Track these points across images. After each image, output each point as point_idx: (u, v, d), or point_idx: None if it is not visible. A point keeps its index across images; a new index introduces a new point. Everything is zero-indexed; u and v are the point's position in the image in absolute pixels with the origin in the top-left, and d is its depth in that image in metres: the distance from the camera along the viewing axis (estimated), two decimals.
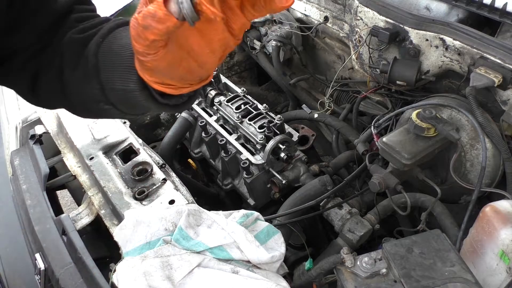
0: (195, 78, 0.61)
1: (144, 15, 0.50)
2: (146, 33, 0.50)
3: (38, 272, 1.25)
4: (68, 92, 0.72)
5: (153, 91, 0.63)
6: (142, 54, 0.53)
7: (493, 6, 1.46)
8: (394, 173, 1.36)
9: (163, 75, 0.58)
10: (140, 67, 0.58)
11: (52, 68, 0.72)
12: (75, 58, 0.69)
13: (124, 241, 1.12)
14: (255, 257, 1.08)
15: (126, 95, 0.65)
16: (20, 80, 0.74)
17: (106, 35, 0.68)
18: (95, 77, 0.67)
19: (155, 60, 0.54)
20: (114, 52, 0.65)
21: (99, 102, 0.69)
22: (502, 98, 1.36)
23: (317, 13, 2.03)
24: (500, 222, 1.02)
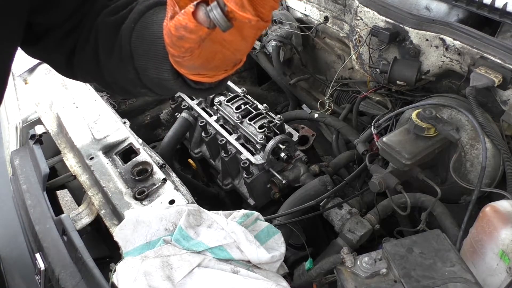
0: (230, 65, 0.61)
1: (176, 26, 0.50)
2: (181, 42, 0.51)
3: (38, 272, 1.25)
4: (104, 74, 0.74)
5: (187, 79, 0.64)
6: (178, 57, 0.55)
7: (493, 6, 1.46)
8: (394, 173, 1.36)
9: (200, 68, 0.59)
10: (177, 64, 0.59)
11: (87, 48, 0.73)
12: (110, 44, 0.71)
13: (124, 241, 1.12)
14: (255, 257, 1.08)
15: (161, 82, 0.66)
16: (57, 56, 0.76)
17: (137, 19, 0.68)
18: (130, 64, 0.68)
19: (191, 60, 0.55)
20: (147, 41, 0.66)
21: (136, 86, 0.72)
22: (502, 98, 1.36)
23: (317, 13, 2.03)
24: (500, 222, 1.02)
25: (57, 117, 1.62)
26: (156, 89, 0.72)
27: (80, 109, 1.60)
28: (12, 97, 1.79)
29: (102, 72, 0.74)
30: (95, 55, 0.73)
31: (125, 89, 0.77)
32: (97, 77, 0.77)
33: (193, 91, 0.67)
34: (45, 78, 1.79)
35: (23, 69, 1.83)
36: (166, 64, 0.63)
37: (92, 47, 0.73)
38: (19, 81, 1.81)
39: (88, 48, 0.73)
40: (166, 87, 0.68)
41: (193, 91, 0.67)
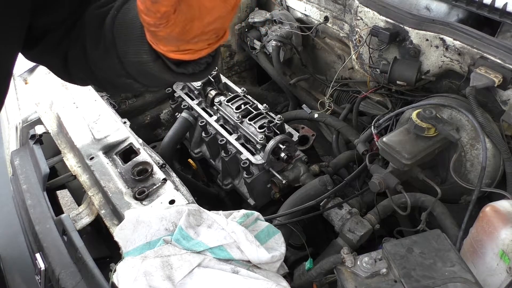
0: (212, 36, 0.57)
1: None
2: (156, 6, 0.48)
3: (38, 272, 1.25)
4: (93, 67, 0.73)
5: (167, 61, 0.62)
6: (153, 25, 0.51)
7: (493, 6, 1.46)
8: (394, 173, 1.36)
9: (178, 40, 0.55)
10: (153, 38, 0.56)
11: (78, 44, 0.73)
12: (96, 34, 0.70)
13: (124, 241, 1.12)
14: (255, 257, 1.08)
15: (142, 67, 0.64)
16: (55, 58, 0.77)
17: (120, 7, 0.68)
18: (113, 52, 0.67)
19: (168, 27, 0.51)
20: (126, 25, 0.65)
21: (121, 76, 0.70)
22: (502, 98, 1.36)
23: (317, 13, 2.03)
24: (500, 222, 1.02)
25: (57, 117, 1.62)
26: (140, 77, 0.70)
27: (80, 109, 1.60)
28: (12, 97, 1.79)
29: (90, 67, 0.74)
30: (83, 49, 0.73)
31: (112, 83, 0.76)
32: (88, 74, 0.76)
33: (175, 75, 0.64)
34: (45, 78, 1.79)
35: (23, 69, 1.83)
36: (144, 45, 0.61)
37: (81, 42, 0.73)
38: (19, 81, 1.81)
39: (78, 46, 0.74)
40: (148, 72, 0.65)
41: (175, 76, 0.64)
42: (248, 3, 2.35)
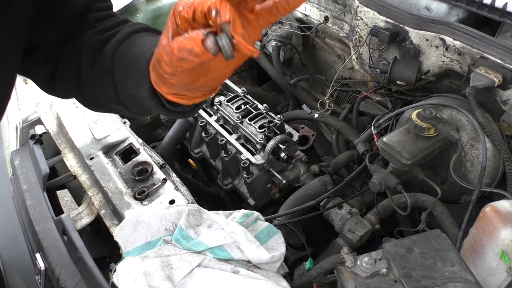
0: (208, 89, 0.64)
1: (180, 48, 0.52)
2: (181, 63, 0.53)
3: (38, 272, 1.25)
4: (83, 87, 0.76)
5: (162, 99, 0.66)
6: (170, 74, 0.56)
7: (493, 6, 1.46)
8: (394, 173, 1.36)
9: (181, 89, 0.61)
10: (160, 81, 0.61)
11: (71, 63, 0.76)
12: (93, 57, 0.73)
13: (124, 241, 1.12)
14: (255, 257, 1.08)
15: (137, 100, 0.68)
16: (41, 71, 0.78)
17: (122, 40, 0.72)
18: (109, 79, 0.71)
19: (179, 78, 0.57)
20: (129, 59, 0.69)
21: (112, 102, 0.74)
22: (502, 98, 1.36)
23: (317, 13, 2.03)
24: (500, 222, 1.02)
25: (57, 117, 1.62)
26: (131, 106, 0.74)
27: (80, 109, 1.60)
28: (12, 97, 1.78)
29: (82, 86, 0.76)
30: (78, 69, 0.75)
31: (101, 104, 0.79)
32: (77, 92, 0.79)
33: (167, 112, 0.69)
34: None
35: None
36: (145, 83, 0.65)
37: (76, 61, 0.75)
38: (19, 81, 1.81)
39: (71, 63, 0.76)
40: (142, 105, 0.69)
41: (167, 112, 0.69)
42: None
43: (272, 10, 0.54)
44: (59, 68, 0.78)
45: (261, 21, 0.55)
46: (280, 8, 0.54)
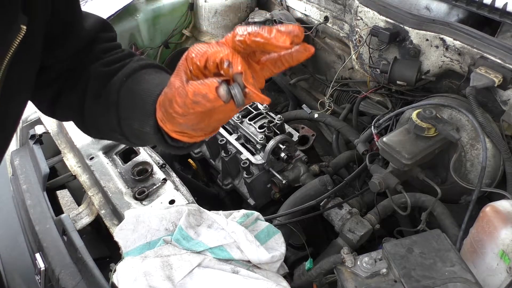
0: (209, 130, 0.67)
1: (195, 92, 0.54)
2: (195, 106, 0.56)
3: (38, 272, 1.25)
4: (86, 116, 0.78)
5: (165, 135, 0.69)
6: (180, 114, 0.59)
7: (493, 6, 1.46)
8: (394, 173, 1.36)
9: (187, 128, 0.63)
10: (167, 120, 0.63)
11: (75, 92, 0.77)
12: (99, 89, 0.75)
13: (124, 241, 1.12)
14: (255, 257, 1.08)
15: (140, 134, 0.71)
16: (42, 95, 0.80)
17: (130, 75, 0.75)
18: (114, 111, 0.73)
19: (188, 119, 0.60)
20: (136, 94, 0.71)
21: (114, 132, 0.75)
22: (502, 98, 1.36)
23: (317, 13, 2.03)
24: (500, 222, 1.02)
25: None
26: (133, 139, 0.76)
27: None
28: None
29: (83, 114, 0.78)
30: (82, 99, 0.77)
31: (101, 132, 0.81)
32: (78, 119, 0.81)
33: (167, 146, 0.71)
34: None
35: None
36: (150, 119, 0.68)
37: (81, 91, 0.77)
38: None
39: (75, 91, 0.77)
40: (144, 139, 0.72)
41: (167, 147, 0.72)
42: (248, 3, 2.35)
43: (277, 62, 0.58)
44: (63, 95, 0.79)
45: (265, 71, 0.59)
46: (284, 60, 0.58)
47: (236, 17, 2.36)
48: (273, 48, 0.52)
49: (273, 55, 0.58)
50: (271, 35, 0.52)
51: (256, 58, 0.59)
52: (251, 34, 0.53)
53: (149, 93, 0.69)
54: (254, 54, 0.58)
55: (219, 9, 2.34)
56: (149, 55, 2.34)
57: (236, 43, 0.54)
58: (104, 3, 2.16)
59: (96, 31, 0.81)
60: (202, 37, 2.44)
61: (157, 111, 0.66)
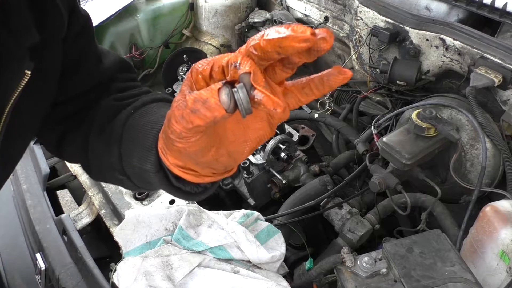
0: (220, 168, 0.56)
1: (195, 98, 0.45)
2: (193, 117, 0.45)
3: (38, 271, 1.25)
4: (89, 153, 0.71)
5: (169, 173, 0.59)
6: (178, 135, 0.48)
7: (493, 6, 1.46)
8: (394, 173, 1.36)
9: (189, 159, 0.53)
10: (166, 147, 0.54)
11: (82, 127, 0.71)
12: (104, 123, 0.69)
13: (125, 241, 1.12)
14: (256, 257, 1.08)
15: (141, 173, 0.63)
16: (51, 134, 0.74)
17: (139, 107, 0.67)
18: (116, 147, 0.66)
19: (188, 143, 0.49)
20: (139, 127, 0.63)
21: (115, 171, 0.67)
22: (502, 98, 1.36)
23: (317, 13, 2.03)
24: (500, 222, 1.02)
25: None
26: (135, 179, 0.67)
27: None
28: None
29: (87, 151, 0.71)
30: (87, 134, 0.70)
31: (103, 173, 0.73)
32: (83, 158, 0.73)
33: (172, 189, 0.61)
34: None
35: None
36: (151, 155, 0.59)
37: (87, 126, 0.71)
38: None
39: (82, 127, 0.71)
40: (146, 179, 0.63)
41: (172, 189, 0.61)
42: (248, 3, 2.35)
43: (305, 87, 0.47)
44: (69, 133, 0.73)
45: (290, 99, 0.48)
46: (314, 86, 0.46)
47: (236, 17, 2.36)
48: (291, 42, 0.40)
49: (300, 79, 0.47)
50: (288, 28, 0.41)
51: (277, 77, 0.47)
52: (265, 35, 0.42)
53: (153, 124, 0.61)
54: (274, 70, 0.47)
55: (219, 9, 2.34)
56: (149, 55, 2.34)
57: (250, 50, 0.43)
58: (104, 3, 2.16)
59: (114, 70, 0.75)
60: (202, 37, 2.44)
61: (159, 140, 0.57)
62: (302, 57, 0.43)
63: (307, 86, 0.46)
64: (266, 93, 0.42)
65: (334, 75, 0.44)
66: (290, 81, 0.48)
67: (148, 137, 0.60)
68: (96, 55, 0.74)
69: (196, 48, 2.31)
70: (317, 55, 0.42)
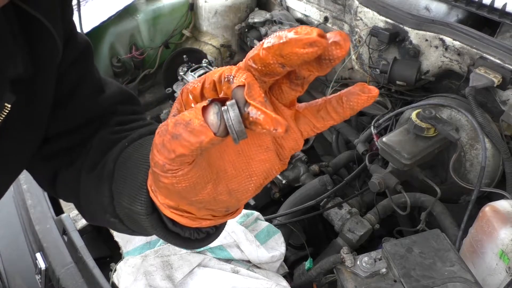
0: (221, 209, 0.45)
1: (176, 121, 0.36)
2: (174, 144, 0.36)
3: (38, 271, 1.25)
4: (80, 193, 0.63)
5: (163, 217, 0.50)
6: (161, 167, 0.39)
7: (493, 7, 1.46)
8: (394, 173, 1.37)
9: (181, 198, 0.43)
10: (154, 184, 0.45)
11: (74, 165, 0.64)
12: (96, 159, 0.61)
13: (125, 240, 1.12)
14: (255, 256, 1.08)
15: (132, 215, 0.53)
16: (43, 170, 0.68)
17: (134, 140, 0.59)
18: (107, 185, 0.57)
19: (175, 178, 0.39)
20: (132, 163, 0.55)
21: (106, 213, 0.58)
22: (501, 98, 1.36)
23: (317, 13, 2.03)
24: (499, 222, 1.02)
25: None
26: (128, 222, 0.57)
27: None
28: None
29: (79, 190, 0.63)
30: (79, 172, 0.62)
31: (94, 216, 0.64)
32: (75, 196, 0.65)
33: (168, 234, 0.51)
34: None
35: None
36: (141, 194, 0.50)
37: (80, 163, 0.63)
38: None
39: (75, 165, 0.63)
40: (138, 221, 0.53)
41: (168, 235, 0.51)
42: (248, 3, 2.35)
43: (320, 111, 0.39)
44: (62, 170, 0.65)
45: (303, 125, 0.40)
46: (331, 109, 0.38)
47: (236, 17, 2.36)
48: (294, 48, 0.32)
49: (314, 101, 0.40)
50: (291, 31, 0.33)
51: (284, 97, 0.38)
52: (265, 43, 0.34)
53: (146, 159, 0.51)
54: (280, 88, 0.38)
55: (219, 9, 2.34)
56: (149, 55, 2.34)
57: (248, 64, 0.35)
58: (104, 3, 2.17)
59: (115, 101, 0.67)
60: (202, 37, 2.44)
61: (149, 177, 0.48)
62: (312, 69, 0.35)
63: (323, 109, 0.38)
64: (262, 108, 0.33)
65: (355, 94, 0.36)
66: (303, 103, 0.40)
67: (140, 173, 0.51)
68: (96, 85, 0.66)
69: (196, 48, 2.31)
70: (330, 65, 0.34)
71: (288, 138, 0.41)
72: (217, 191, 0.42)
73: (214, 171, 0.42)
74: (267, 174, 0.43)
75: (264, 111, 0.33)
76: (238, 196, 0.44)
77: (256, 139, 0.41)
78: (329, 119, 0.39)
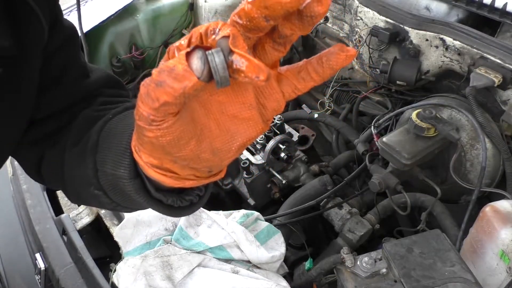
0: (203, 168, 0.46)
1: (160, 69, 0.37)
2: (158, 91, 0.37)
3: (38, 272, 1.25)
4: (65, 170, 0.63)
5: (146, 182, 0.52)
6: (145, 119, 0.40)
7: (493, 6, 1.46)
8: (394, 173, 1.37)
9: (165, 153, 0.43)
10: (138, 140, 0.45)
11: (58, 144, 0.64)
12: (80, 134, 0.61)
13: (124, 241, 1.12)
14: (255, 257, 1.08)
15: (116, 181, 0.54)
16: (28, 156, 0.67)
17: (119, 112, 0.59)
18: (91, 156, 0.57)
19: (159, 130, 0.40)
20: (116, 132, 0.56)
21: (90, 186, 0.59)
22: (502, 98, 1.36)
23: None
24: (500, 222, 1.02)
25: None
26: (111, 193, 0.58)
27: None
28: None
29: (63, 167, 0.63)
30: (63, 150, 0.62)
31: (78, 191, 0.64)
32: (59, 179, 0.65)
33: (151, 200, 0.53)
34: None
35: None
36: (125, 158, 0.51)
37: (64, 142, 0.63)
38: None
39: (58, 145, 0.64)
40: (121, 189, 0.54)
41: (151, 201, 0.53)
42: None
43: (301, 71, 0.41)
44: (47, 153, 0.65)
45: (285, 86, 0.42)
46: (312, 70, 0.40)
47: None
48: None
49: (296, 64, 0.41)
50: None
51: (268, 56, 0.41)
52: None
53: (130, 126, 0.52)
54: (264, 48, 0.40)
55: (219, 9, 2.34)
56: (149, 55, 2.34)
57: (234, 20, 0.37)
58: (104, 3, 2.16)
59: (100, 84, 0.68)
60: None
61: (132, 138, 0.48)
62: (294, 27, 0.37)
63: (304, 70, 0.40)
64: (245, 55, 0.35)
65: (335, 53, 0.38)
66: (285, 66, 0.42)
67: (124, 137, 0.52)
68: (82, 70, 0.67)
69: None
70: (311, 22, 0.36)
71: (270, 98, 0.42)
72: (201, 148, 0.43)
73: (198, 127, 0.42)
74: (249, 135, 0.44)
75: (248, 58, 0.34)
76: (221, 156, 0.45)
77: (239, 96, 0.42)
78: (309, 80, 0.40)
